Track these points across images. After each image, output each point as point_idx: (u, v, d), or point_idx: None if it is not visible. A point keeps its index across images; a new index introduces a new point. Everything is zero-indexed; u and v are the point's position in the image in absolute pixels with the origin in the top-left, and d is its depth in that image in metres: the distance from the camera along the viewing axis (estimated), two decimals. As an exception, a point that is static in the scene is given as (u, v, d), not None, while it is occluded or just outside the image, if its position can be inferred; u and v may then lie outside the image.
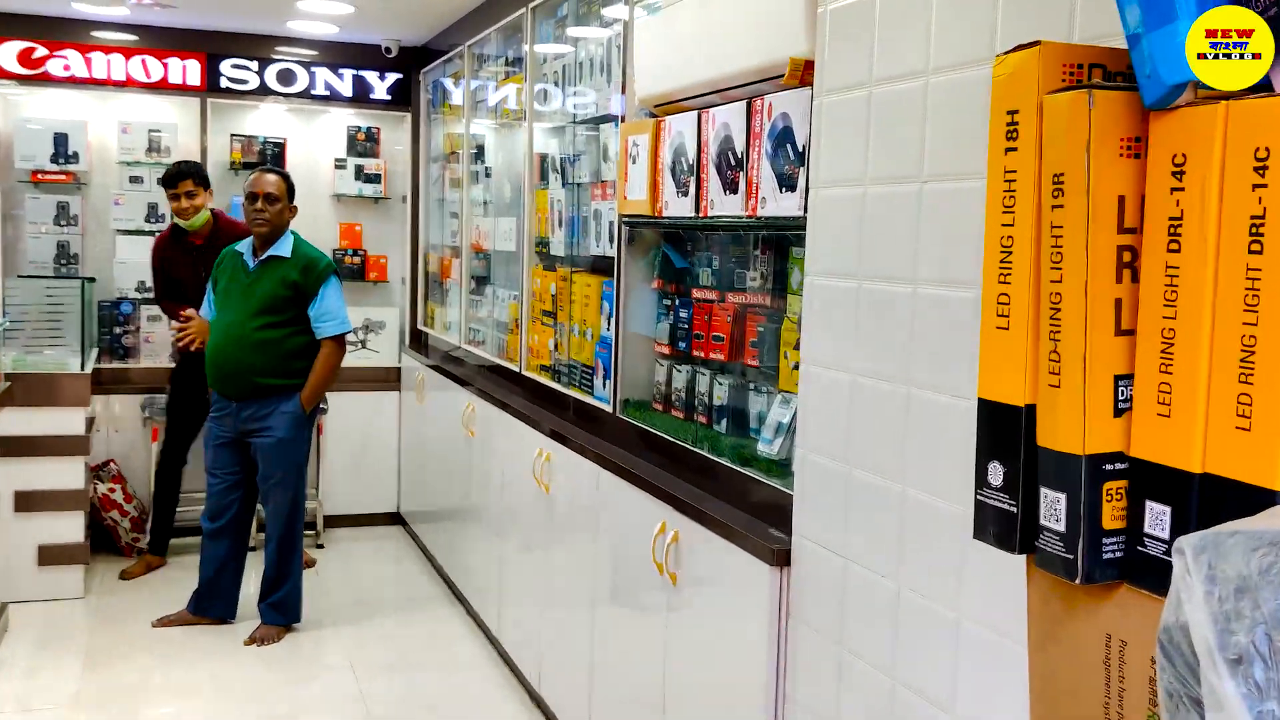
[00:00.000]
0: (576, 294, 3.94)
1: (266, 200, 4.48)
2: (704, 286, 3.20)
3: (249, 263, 4.55)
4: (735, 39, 2.66)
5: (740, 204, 2.69)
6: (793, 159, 2.46)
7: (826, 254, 2.26)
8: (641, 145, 3.22)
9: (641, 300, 3.49)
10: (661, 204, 3.11)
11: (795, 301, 2.71)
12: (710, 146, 2.83)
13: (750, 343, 2.97)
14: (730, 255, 3.04)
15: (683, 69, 2.95)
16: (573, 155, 4.03)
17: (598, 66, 3.77)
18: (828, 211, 2.26)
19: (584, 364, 3.86)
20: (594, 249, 3.83)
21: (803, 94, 2.41)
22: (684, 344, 3.30)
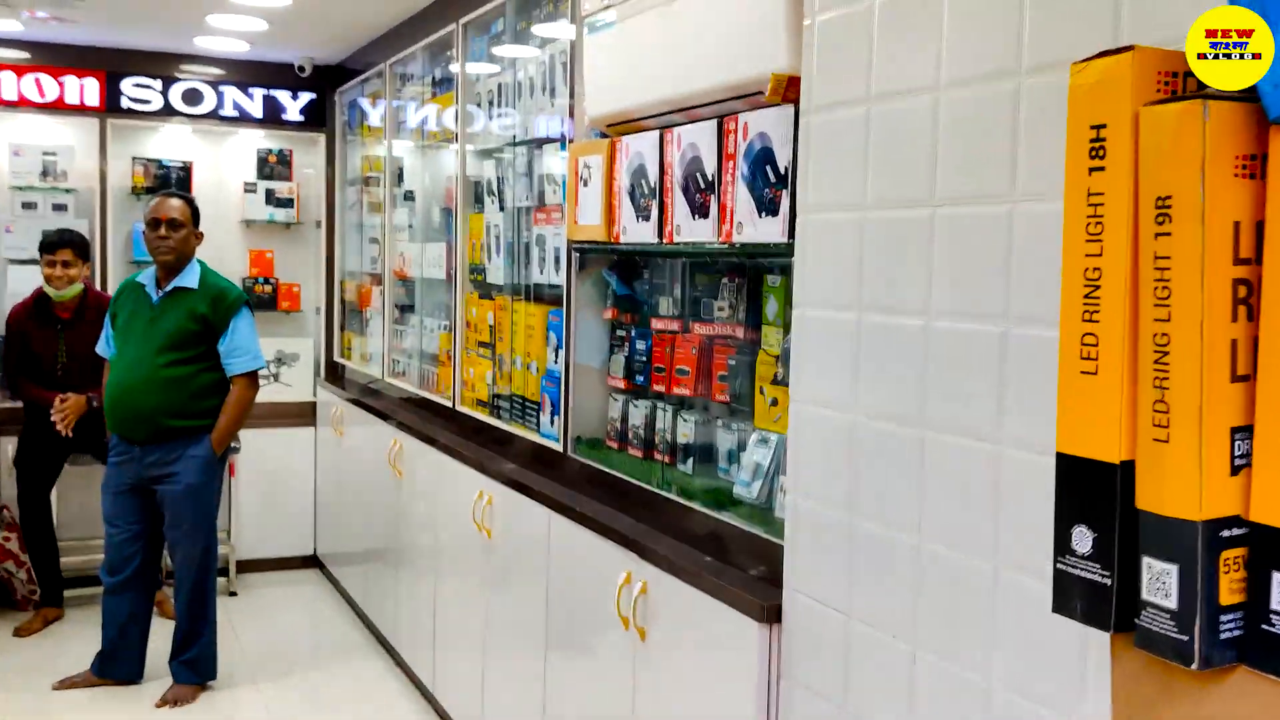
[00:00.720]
0: (518, 324, 3.72)
1: (170, 226, 4.15)
2: (665, 316, 3.00)
3: (152, 295, 4.21)
4: (705, 54, 2.48)
5: (711, 229, 2.50)
6: (773, 182, 2.28)
7: (820, 284, 2.09)
8: (594, 167, 3.02)
9: (593, 331, 3.29)
10: (618, 229, 2.91)
11: (771, 333, 2.53)
12: (675, 168, 2.65)
13: (719, 376, 2.78)
14: (695, 284, 2.85)
15: (642, 86, 2.77)
16: (511, 178, 3.81)
17: (539, 85, 3.56)
18: (820, 238, 2.08)
19: (528, 399, 3.63)
20: (537, 276, 3.62)
21: (784, 112, 2.24)
22: (642, 377, 3.10)
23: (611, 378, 3.24)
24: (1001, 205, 1.69)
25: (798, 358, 2.15)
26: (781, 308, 2.50)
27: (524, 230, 3.73)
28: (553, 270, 3.51)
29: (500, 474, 3.51)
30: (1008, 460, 1.68)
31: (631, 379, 3.16)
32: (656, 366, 3.02)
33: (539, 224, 3.60)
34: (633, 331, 3.15)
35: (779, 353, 2.49)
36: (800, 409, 2.14)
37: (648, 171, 2.77)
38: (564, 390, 3.30)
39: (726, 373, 2.72)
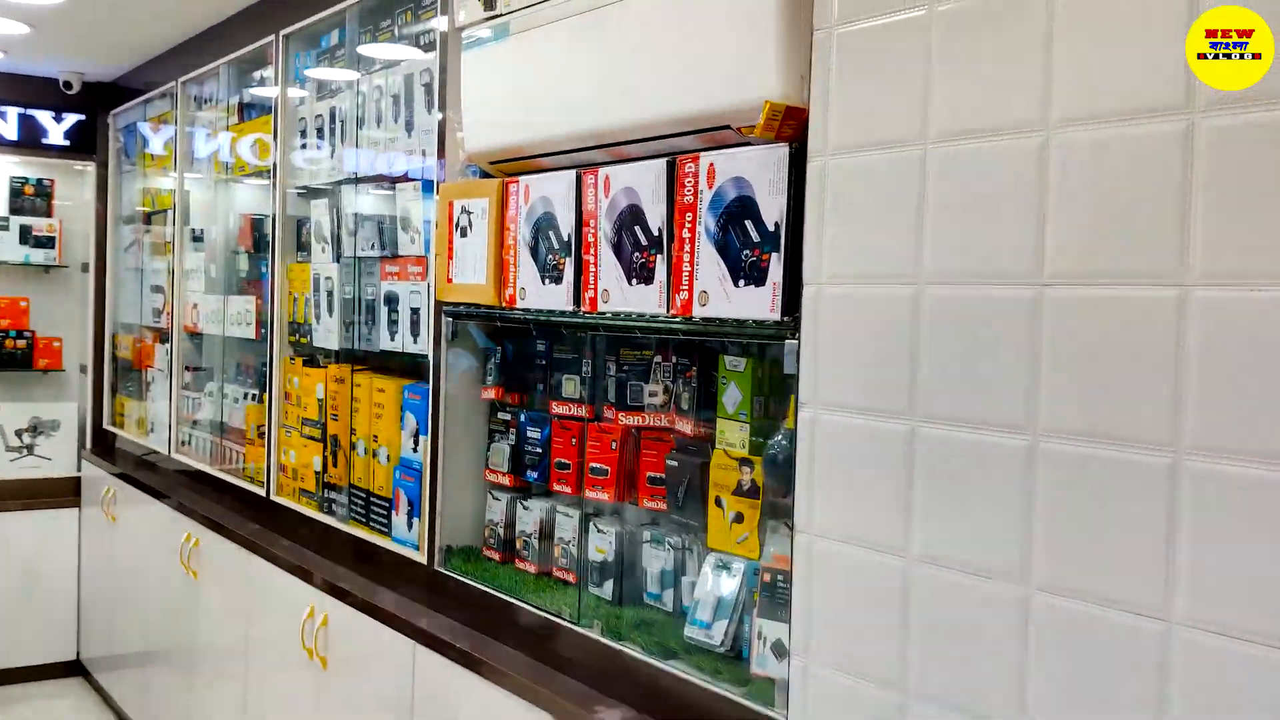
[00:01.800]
0: (362, 400, 3.04)
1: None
2: (570, 400, 2.42)
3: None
4: (652, 76, 1.94)
5: (657, 299, 1.96)
6: (757, 241, 1.76)
7: (845, 379, 1.57)
8: (477, 214, 2.43)
9: (468, 413, 2.67)
10: (514, 292, 2.32)
11: (732, 429, 2.00)
12: (601, 219, 2.09)
13: (649, 479, 2.22)
14: (620, 361, 2.29)
15: (547, 116, 2.20)
16: (351, 222, 3.14)
17: (389, 111, 2.93)
18: (844, 318, 1.57)
19: (376, 494, 2.96)
20: (387, 343, 2.96)
21: (773, 153, 1.73)
22: (536, 473, 2.50)
23: (491, 471, 2.63)
24: (1163, 287, 1.22)
25: (809, 474, 1.63)
26: (748, 398, 1.97)
27: (367, 285, 3.07)
28: (408, 336, 2.87)
29: (339, 588, 2.82)
30: (1181, 645, 1.20)
31: (519, 474, 2.56)
32: (559, 461, 2.43)
33: (390, 279, 2.95)
34: (522, 416, 2.55)
35: (747, 456, 1.96)
36: (814, 544, 1.61)
37: (558, 221, 2.20)
38: (429, 486, 2.66)
39: (666, 475, 2.16)
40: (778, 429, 1.90)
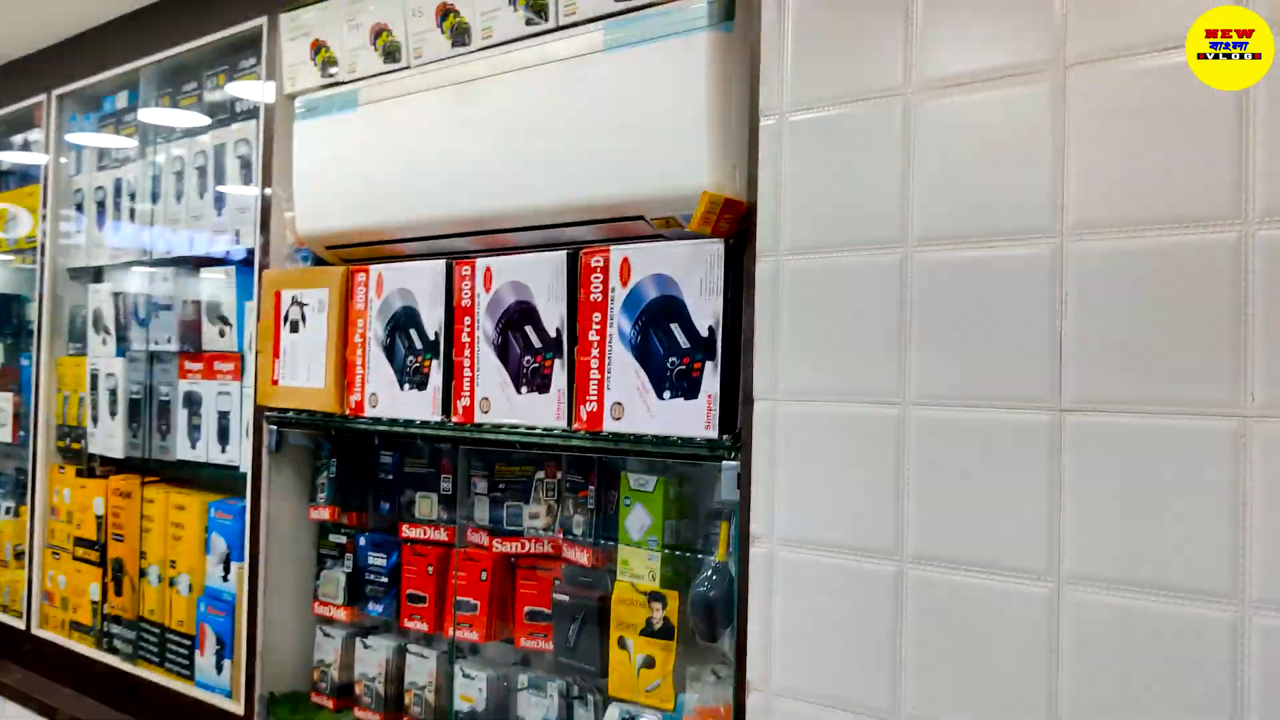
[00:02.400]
0: (156, 517, 2.59)
1: None
2: (425, 521, 2.10)
3: None
4: (547, 157, 1.70)
5: (555, 409, 1.70)
6: (684, 347, 1.54)
7: (810, 513, 1.36)
8: (313, 306, 2.10)
9: (293, 535, 2.29)
10: (362, 398, 2.00)
11: (638, 559, 1.75)
12: (480, 316, 1.81)
13: (528, 613, 1.93)
14: (494, 478, 1.99)
15: (408, 196, 1.92)
16: (141, 310, 2.71)
17: (192, 185, 2.55)
18: (808, 440, 1.37)
19: (174, 630, 2.51)
20: (186, 451, 2.54)
21: (702, 249, 1.52)
22: (380, 607, 2.15)
23: (323, 603, 2.26)
24: (1204, 417, 1.08)
25: (765, 621, 1.39)
26: (659, 523, 1.73)
27: (162, 384, 2.64)
28: (214, 444, 2.47)
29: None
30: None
31: (359, 607, 2.20)
32: (412, 594, 2.09)
33: (191, 377, 2.54)
34: (361, 539, 2.20)
35: (658, 590, 1.71)
36: (773, 706, 1.38)
37: (421, 318, 1.91)
38: (246, 622, 2.25)
39: (550, 611, 1.87)
40: (700, 561, 1.66)
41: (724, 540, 1.60)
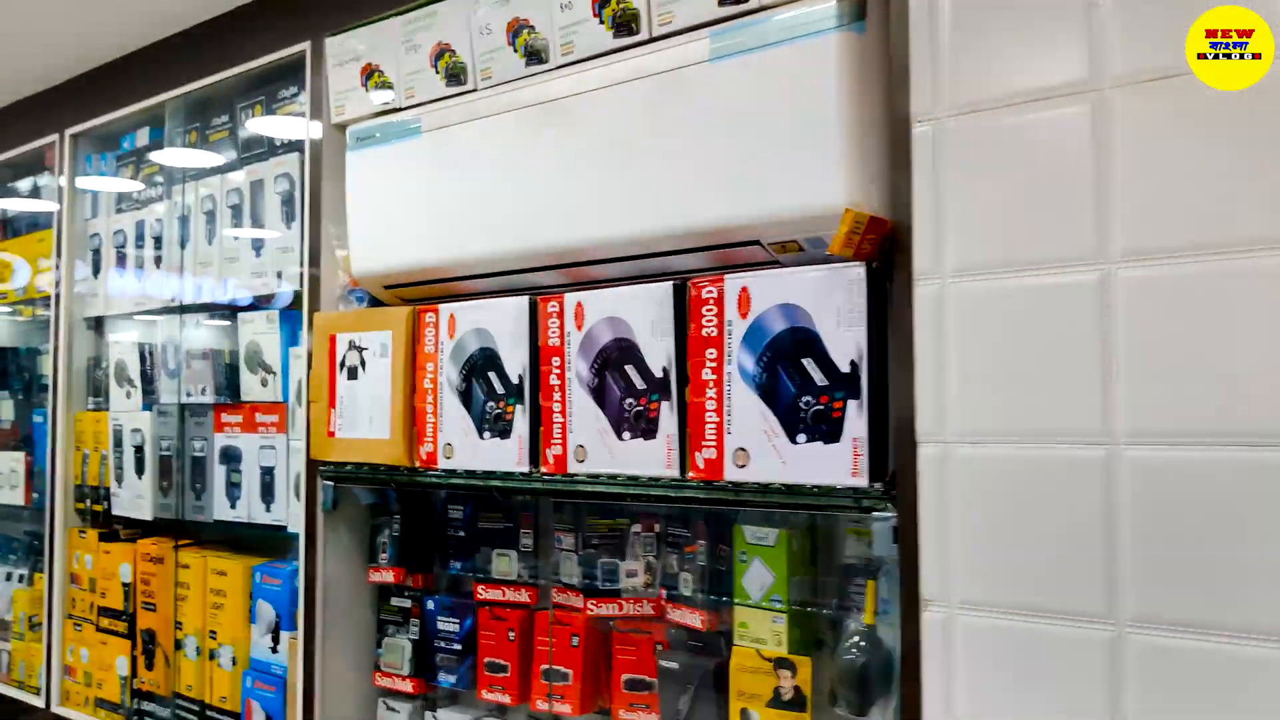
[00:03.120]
0: (192, 584, 2.40)
1: None
2: (504, 581, 1.92)
3: None
4: (649, 180, 1.54)
5: (663, 457, 1.53)
6: (821, 384, 1.38)
7: (997, 572, 1.19)
8: (374, 350, 1.93)
9: (349, 600, 2.11)
10: (435, 448, 1.82)
11: (758, 620, 1.57)
12: (572, 356, 1.65)
13: (627, 683, 1.75)
14: (585, 532, 1.82)
15: (482, 228, 1.76)
16: (172, 360, 2.53)
17: (224, 224, 2.38)
18: (989, 489, 1.20)
19: (215, 707, 2.32)
20: (224, 511, 2.36)
21: (840, 274, 1.37)
22: (453, 677, 1.97)
23: (385, 674, 2.07)
24: None
25: (944, 695, 1.22)
26: (783, 580, 1.56)
27: (195, 439, 2.46)
28: (257, 503, 2.29)
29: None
30: None
31: (427, 677, 2.02)
32: (491, 662, 1.91)
33: (229, 431, 2.36)
34: (430, 602, 2.02)
35: (786, 656, 1.53)
36: (961, 791, 1.21)
37: (502, 360, 1.74)
38: (301, 697, 2.06)
39: (655, 679, 1.70)
40: (837, 624, 1.49)
41: (871, 601, 1.43)
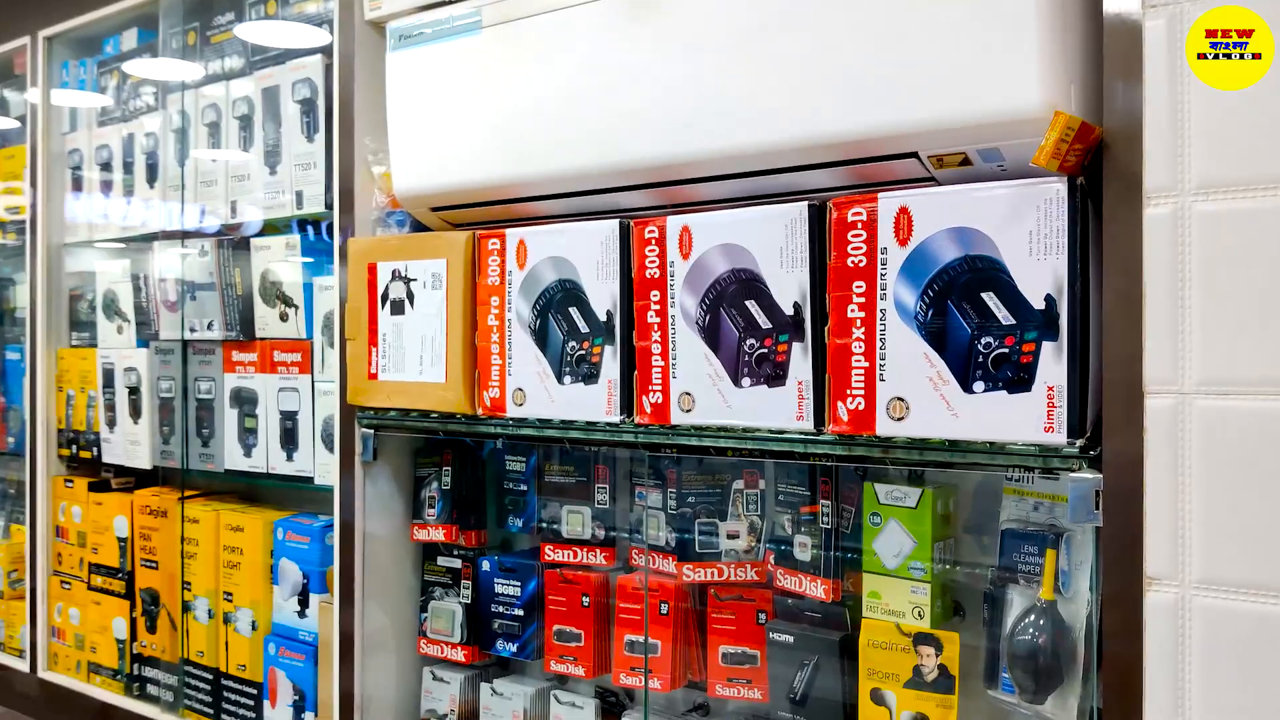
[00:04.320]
0: (202, 540, 2.17)
1: None
2: (575, 541, 1.72)
3: None
4: (781, 79, 1.31)
5: (793, 408, 1.32)
6: (1006, 324, 1.17)
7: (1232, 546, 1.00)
8: (426, 281, 1.69)
9: (389, 560, 1.89)
10: (502, 394, 1.60)
11: (893, 590, 1.38)
12: (676, 290, 1.42)
13: (724, 656, 1.56)
14: (682, 489, 1.60)
15: (561, 139, 1.52)
16: (173, 291, 2.26)
17: (231, 137, 2.12)
18: (1238, 447, 1.01)
19: (232, 676, 2.10)
20: (238, 459, 2.12)
21: (1034, 191, 1.15)
22: (515, 645, 1.77)
23: (432, 641, 1.87)
24: None
25: (1175, 696, 1.04)
26: (927, 546, 1.37)
27: (201, 379, 2.21)
28: (277, 451, 2.05)
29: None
30: None
31: (484, 644, 1.82)
32: (561, 630, 1.71)
33: (241, 370, 2.11)
34: (486, 563, 1.81)
35: (929, 632, 1.35)
36: (1197, 802, 1.03)
37: (586, 294, 1.51)
38: (340, 667, 1.85)
39: (760, 654, 1.51)
40: (998, 598, 1.30)
41: (1049, 574, 1.24)
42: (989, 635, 1.32)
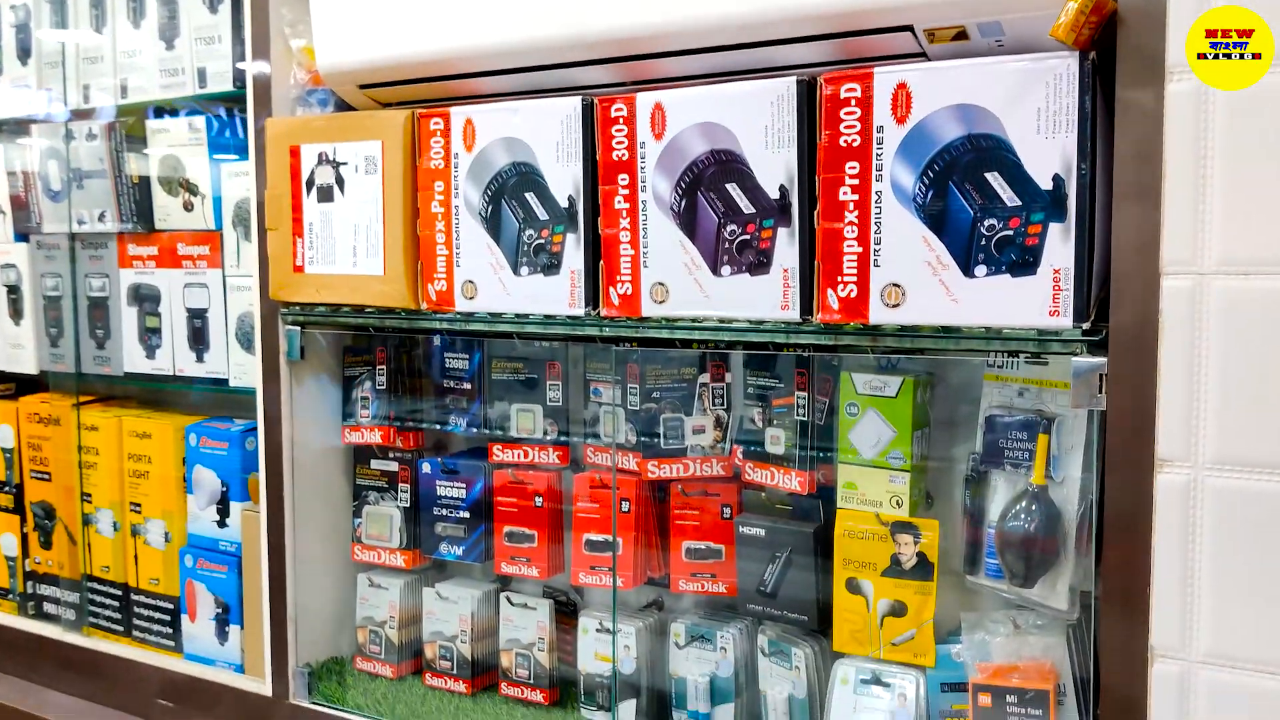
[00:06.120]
0: (103, 449, 2.02)
1: None
2: (527, 440, 1.64)
3: None
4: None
5: (779, 295, 1.27)
6: (1010, 205, 1.13)
7: (1249, 427, 1.00)
8: (358, 165, 1.57)
9: (315, 464, 1.79)
10: (453, 287, 1.50)
11: (871, 480, 1.36)
12: (650, 173, 1.34)
13: (688, 551, 1.53)
14: (646, 384, 1.54)
15: (509, 8, 1.41)
16: (58, 179, 2.06)
17: (121, 8, 1.91)
18: (1261, 327, 1.00)
19: (144, 591, 1.98)
20: (139, 361, 1.97)
21: (1045, 67, 1.11)
22: (461, 548, 1.70)
23: (368, 547, 1.79)
24: None
25: (1184, 569, 1.04)
26: (906, 435, 1.34)
27: (93, 276, 2.03)
28: (185, 352, 1.91)
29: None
30: None
31: (426, 549, 1.75)
32: (513, 532, 1.65)
33: (140, 265, 1.95)
34: (425, 465, 1.73)
35: (909, 520, 1.33)
36: (1194, 675, 1.04)
37: (545, 178, 1.42)
38: (270, 576, 1.75)
39: (724, 548, 1.48)
40: (983, 484, 1.29)
41: (1041, 458, 1.23)
42: (970, 522, 1.32)
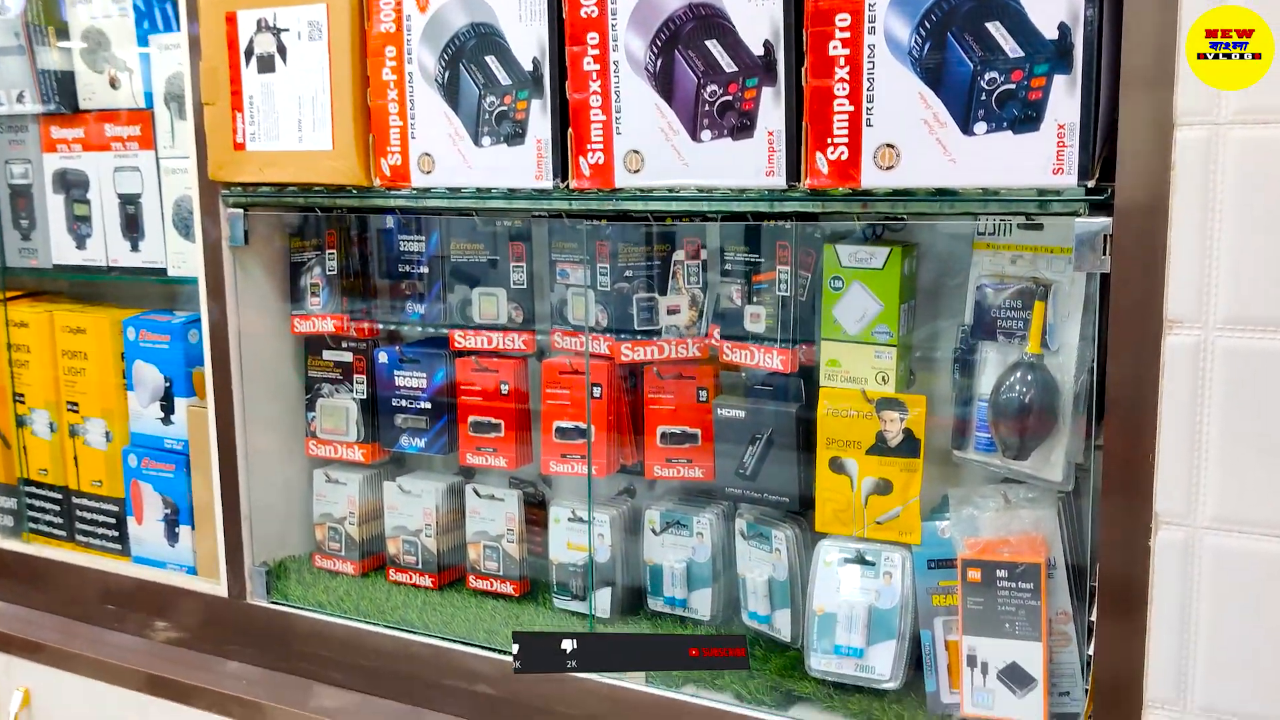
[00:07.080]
0: (34, 346, 1.91)
1: None
2: (490, 326, 1.57)
3: None
4: None
5: (764, 160, 1.20)
6: (1012, 55, 1.07)
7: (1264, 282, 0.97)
8: (301, 31, 1.46)
9: (269, 355, 1.70)
10: (408, 161, 1.41)
11: (855, 356, 1.32)
12: (622, 31, 1.25)
13: (663, 436, 1.48)
14: (618, 263, 1.46)
15: None
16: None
17: None
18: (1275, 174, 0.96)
19: (86, 493, 1.89)
20: (69, 252, 1.85)
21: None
22: (423, 440, 1.64)
23: (323, 441, 1.71)
24: None
25: (1190, 435, 1.01)
26: (893, 309, 1.29)
27: (13, 162, 1.89)
28: (119, 241, 1.80)
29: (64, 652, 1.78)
30: None
31: (385, 442, 1.68)
32: (477, 421, 1.59)
33: (65, 149, 1.82)
34: (382, 355, 1.65)
35: (895, 396, 1.29)
36: (1200, 541, 1.02)
37: (507, 39, 1.32)
38: (221, 474, 1.67)
39: (698, 431, 1.43)
40: (972, 357, 1.25)
41: (1037, 327, 1.19)
42: (959, 396, 1.28)
